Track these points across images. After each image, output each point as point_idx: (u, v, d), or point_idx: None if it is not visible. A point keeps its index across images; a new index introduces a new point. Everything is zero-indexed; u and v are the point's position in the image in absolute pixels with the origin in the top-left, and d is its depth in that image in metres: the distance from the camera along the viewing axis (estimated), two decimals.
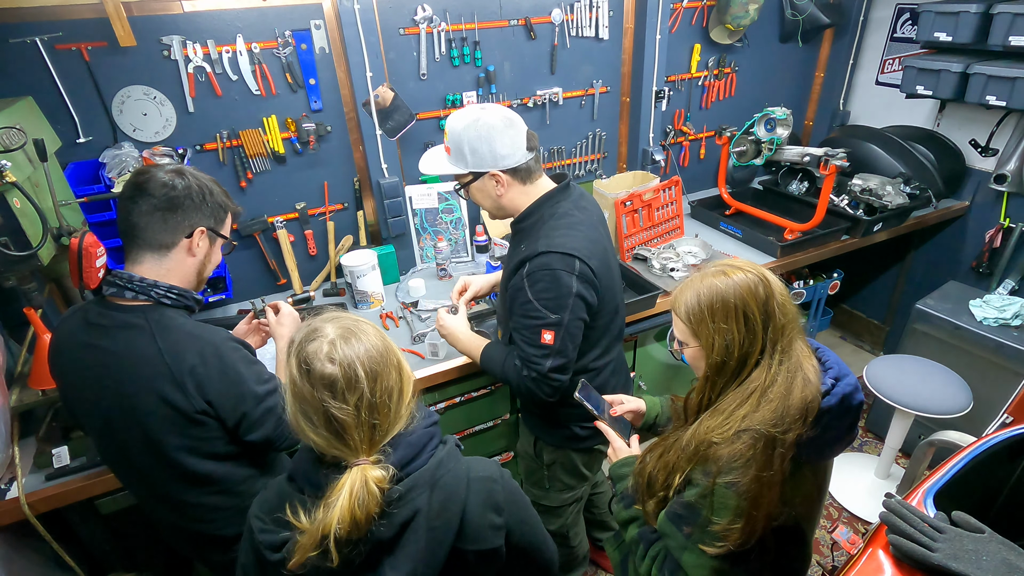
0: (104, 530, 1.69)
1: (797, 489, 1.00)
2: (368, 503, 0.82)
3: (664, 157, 2.78)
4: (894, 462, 2.54)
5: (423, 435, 0.93)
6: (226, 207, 1.27)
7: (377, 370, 0.86)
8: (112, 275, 1.16)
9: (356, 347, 0.86)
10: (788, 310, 1.01)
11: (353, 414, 0.84)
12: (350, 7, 1.97)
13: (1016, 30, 2.24)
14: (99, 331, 1.14)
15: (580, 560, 2.00)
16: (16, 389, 1.54)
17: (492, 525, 0.94)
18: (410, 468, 0.90)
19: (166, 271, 1.19)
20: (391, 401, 0.88)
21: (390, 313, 2.14)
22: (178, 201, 1.16)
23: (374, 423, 0.87)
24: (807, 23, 2.83)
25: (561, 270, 1.34)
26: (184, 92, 1.94)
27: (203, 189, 1.20)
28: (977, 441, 1.20)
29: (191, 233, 1.19)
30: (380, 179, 2.26)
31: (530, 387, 1.44)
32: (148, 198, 1.14)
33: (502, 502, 0.96)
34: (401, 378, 0.91)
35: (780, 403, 0.96)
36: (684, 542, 1.02)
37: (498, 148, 1.37)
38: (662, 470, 1.07)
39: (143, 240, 1.17)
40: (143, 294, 1.15)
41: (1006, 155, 2.58)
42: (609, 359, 1.60)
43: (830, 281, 2.71)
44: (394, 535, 0.87)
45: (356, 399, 0.84)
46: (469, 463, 0.97)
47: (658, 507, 1.09)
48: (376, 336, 0.90)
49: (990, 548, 0.86)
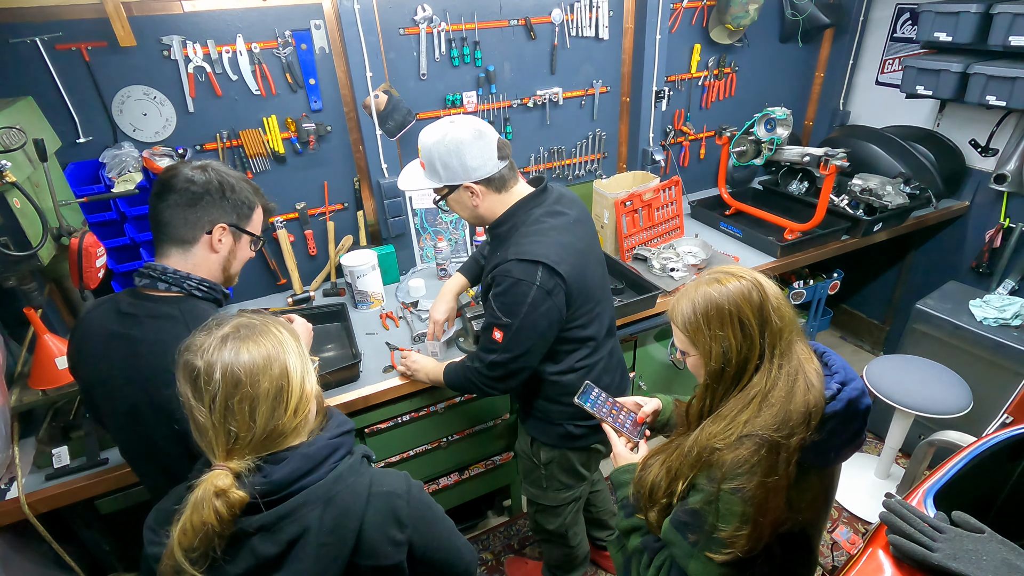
0: (104, 530, 1.69)
1: (804, 494, 0.99)
2: (204, 513, 0.79)
3: (664, 157, 2.78)
4: (894, 462, 2.54)
5: (324, 447, 0.91)
6: (252, 204, 1.25)
7: (242, 377, 0.83)
8: (146, 267, 1.17)
9: (231, 350, 0.84)
10: (784, 314, 1.01)
11: (206, 414, 0.83)
12: (350, 7, 1.97)
13: (1016, 30, 2.24)
14: (131, 320, 1.14)
15: (580, 560, 2.00)
16: (16, 389, 1.55)
17: (392, 540, 0.91)
18: (304, 482, 0.87)
19: (192, 266, 1.19)
20: (253, 411, 0.84)
21: (390, 313, 2.15)
22: (198, 196, 1.16)
23: (230, 429, 0.84)
24: (807, 23, 2.83)
25: (520, 279, 1.37)
26: (184, 92, 1.94)
27: (224, 185, 1.19)
28: (977, 441, 1.20)
29: (211, 229, 1.19)
30: (380, 179, 2.26)
31: (471, 376, 1.50)
32: (172, 194, 1.15)
33: (405, 517, 0.93)
34: (284, 392, 0.87)
35: (782, 407, 0.95)
36: (690, 550, 1.01)
37: (468, 161, 1.39)
38: (664, 477, 1.06)
39: (168, 235, 1.17)
40: (176, 286, 1.16)
41: (1006, 155, 2.58)
42: (598, 358, 1.60)
43: (830, 281, 2.71)
44: (279, 552, 0.85)
45: (210, 400, 0.83)
46: (373, 476, 0.94)
47: (661, 515, 1.08)
48: (269, 346, 0.87)
49: (990, 548, 0.86)
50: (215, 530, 0.80)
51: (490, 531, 2.46)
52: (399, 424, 1.88)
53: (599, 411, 1.36)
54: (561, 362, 1.55)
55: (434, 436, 1.98)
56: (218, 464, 0.84)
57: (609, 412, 1.37)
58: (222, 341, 0.85)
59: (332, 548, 0.87)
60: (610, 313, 1.65)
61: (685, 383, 2.50)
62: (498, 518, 2.54)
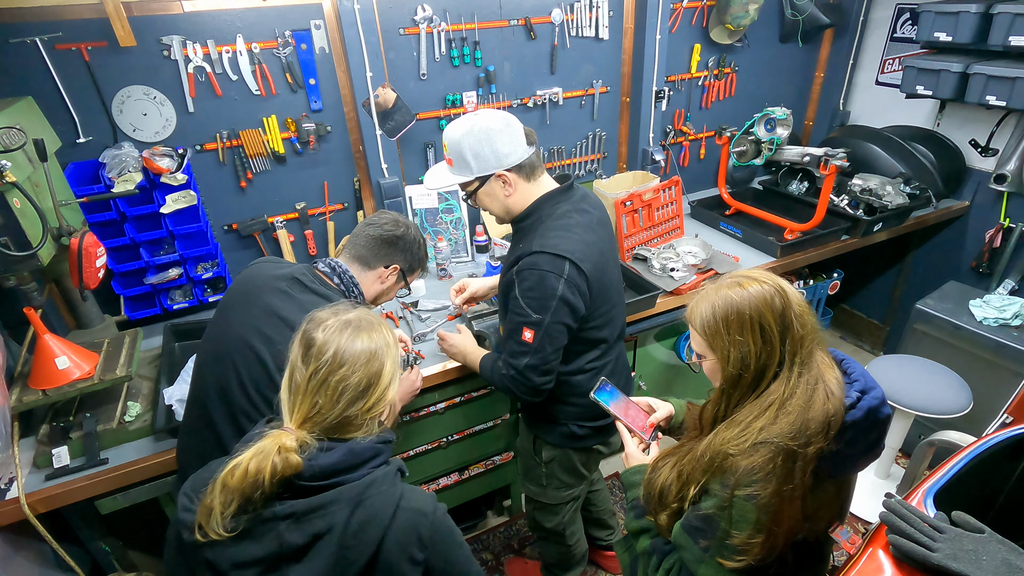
0: (104, 530, 1.69)
1: (819, 504, 0.98)
2: (263, 461, 0.83)
3: (664, 157, 2.78)
4: (894, 462, 2.54)
5: (368, 448, 0.93)
6: (423, 265, 1.55)
7: (343, 363, 0.92)
8: (332, 261, 1.41)
9: (344, 337, 0.94)
10: (806, 321, 0.99)
11: (306, 378, 0.92)
12: (350, 7, 1.97)
13: (1016, 30, 2.24)
14: (298, 286, 1.31)
15: (578, 559, 2.00)
16: (16, 389, 1.54)
17: (411, 559, 0.92)
18: (343, 478, 0.90)
19: (360, 282, 1.43)
20: (342, 394, 0.92)
21: (390, 313, 2.14)
22: (397, 238, 1.45)
23: (317, 400, 0.91)
24: (807, 23, 2.83)
25: (549, 272, 1.35)
26: (184, 92, 1.94)
27: (415, 242, 1.49)
28: (977, 441, 1.20)
29: (388, 264, 1.45)
30: (380, 179, 2.26)
31: (508, 385, 1.46)
32: (378, 228, 1.44)
33: (427, 537, 0.93)
34: (370, 389, 0.94)
35: (799, 416, 0.93)
36: (700, 555, 1.00)
37: (500, 147, 1.39)
38: (675, 481, 1.05)
39: (358, 253, 1.44)
40: (343, 285, 1.40)
41: (1006, 155, 2.58)
42: (608, 360, 1.60)
43: (830, 281, 2.71)
44: (304, 543, 0.87)
45: (314, 369, 0.92)
46: (404, 490, 0.95)
47: (671, 519, 1.06)
48: (376, 344, 0.96)
49: (990, 548, 0.86)
50: (263, 485, 0.84)
51: (490, 531, 2.46)
52: (399, 424, 1.88)
53: (615, 408, 1.34)
54: (572, 362, 1.54)
55: (434, 436, 1.98)
56: (288, 426, 0.92)
57: (624, 411, 1.35)
58: (344, 324, 0.96)
59: (352, 552, 0.88)
60: (623, 316, 1.64)
61: (685, 384, 2.50)
62: (498, 518, 2.54)
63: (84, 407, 1.62)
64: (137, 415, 1.63)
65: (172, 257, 1.96)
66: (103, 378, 1.56)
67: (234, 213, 2.18)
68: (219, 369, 1.26)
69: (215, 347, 1.30)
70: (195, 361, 1.38)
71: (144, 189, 1.86)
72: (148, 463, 1.54)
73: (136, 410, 1.64)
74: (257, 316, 1.27)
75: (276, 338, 1.24)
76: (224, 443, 1.26)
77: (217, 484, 0.84)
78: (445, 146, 1.45)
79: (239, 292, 1.34)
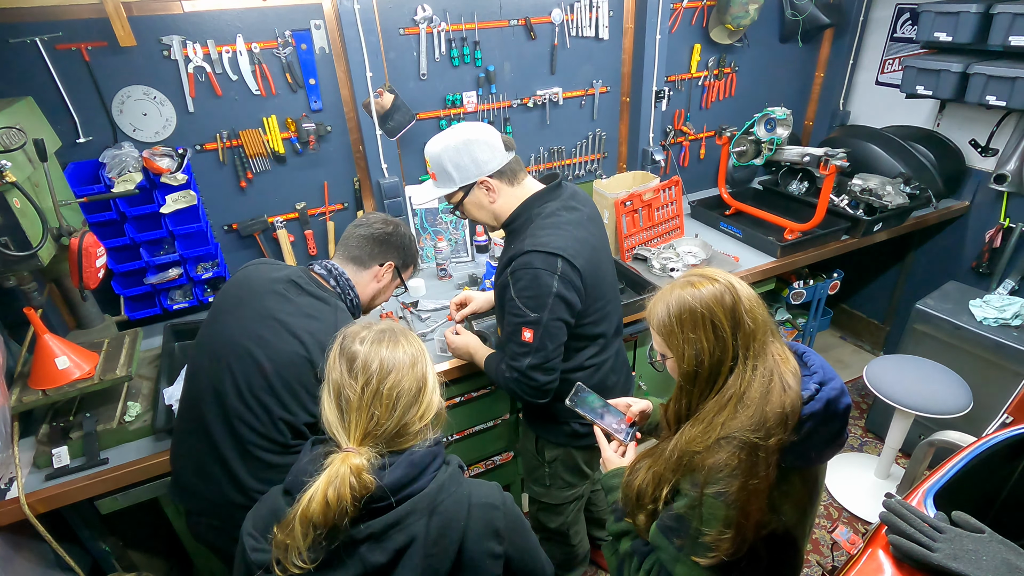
0: (104, 530, 1.69)
1: (786, 496, 1.00)
2: (341, 487, 0.82)
3: (664, 157, 2.78)
4: (894, 462, 2.54)
5: (425, 455, 0.93)
6: (416, 261, 1.57)
7: (391, 370, 0.92)
8: (328, 263, 1.42)
9: (384, 347, 0.94)
10: (757, 315, 1.01)
11: (358, 394, 0.90)
12: (350, 7, 1.97)
13: (1016, 30, 2.24)
14: (295, 288, 1.32)
15: (580, 559, 2.00)
16: (16, 389, 1.54)
17: (491, 553, 0.93)
18: (411, 490, 0.89)
19: (356, 283, 1.44)
20: (396, 401, 0.91)
21: (390, 313, 2.14)
22: (388, 235, 1.46)
23: (373, 412, 0.90)
24: (807, 23, 2.83)
25: (542, 269, 1.36)
26: (184, 92, 1.94)
27: (406, 238, 1.51)
28: (977, 441, 1.20)
29: (383, 263, 1.46)
30: (380, 179, 2.26)
31: (513, 387, 1.47)
32: (368, 227, 1.46)
33: (503, 529, 0.95)
34: (420, 393, 0.94)
35: (757, 408, 0.96)
36: (676, 554, 1.02)
37: (479, 155, 1.42)
38: (650, 482, 1.07)
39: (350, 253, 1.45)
40: (339, 287, 1.40)
41: (1006, 155, 2.58)
42: (606, 357, 1.60)
43: (830, 281, 2.71)
44: (388, 561, 0.86)
45: (364, 381, 0.90)
46: (471, 487, 0.96)
47: (648, 519, 1.08)
48: (410, 351, 0.96)
49: (990, 548, 0.86)
50: (347, 510, 0.82)
51: None
52: None
53: (591, 413, 1.35)
54: (571, 359, 1.54)
55: None
56: (349, 447, 0.89)
57: (601, 415, 1.35)
58: (380, 335, 0.97)
59: (436, 559, 0.88)
60: (619, 312, 1.65)
61: None
62: None
63: (84, 407, 1.62)
64: (137, 415, 1.63)
65: (172, 257, 1.96)
66: (103, 378, 1.56)
67: (234, 213, 2.18)
68: (214, 372, 1.26)
69: (209, 350, 1.29)
70: (188, 364, 1.37)
71: (144, 189, 1.86)
72: (148, 463, 1.54)
73: (136, 410, 1.64)
74: (253, 319, 1.26)
75: (272, 340, 1.23)
76: (218, 447, 1.25)
77: (296, 519, 0.82)
78: (428, 162, 1.48)
79: (233, 295, 1.33)
